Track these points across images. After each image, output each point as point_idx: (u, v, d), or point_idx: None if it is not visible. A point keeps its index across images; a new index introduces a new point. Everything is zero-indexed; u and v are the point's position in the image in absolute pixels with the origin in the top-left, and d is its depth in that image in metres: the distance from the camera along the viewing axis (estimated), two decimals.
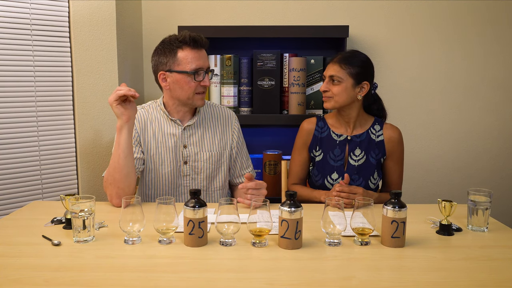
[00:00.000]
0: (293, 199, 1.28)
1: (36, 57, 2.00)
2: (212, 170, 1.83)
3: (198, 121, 1.82)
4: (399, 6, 2.42)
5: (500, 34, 2.43)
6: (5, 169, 1.97)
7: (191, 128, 1.81)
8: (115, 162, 1.58)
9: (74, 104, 2.12)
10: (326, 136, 1.87)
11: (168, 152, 1.78)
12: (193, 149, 1.80)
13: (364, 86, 1.79)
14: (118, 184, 1.58)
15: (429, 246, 1.33)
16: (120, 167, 1.57)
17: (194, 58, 1.69)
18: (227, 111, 1.91)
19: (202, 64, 1.71)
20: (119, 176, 1.57)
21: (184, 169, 1.80)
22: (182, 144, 1.79)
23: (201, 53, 1.72)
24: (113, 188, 1.59)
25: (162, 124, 1.80)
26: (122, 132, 1.57)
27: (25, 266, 1.16)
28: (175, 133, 1.79)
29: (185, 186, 1.81)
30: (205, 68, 1.72)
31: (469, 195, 1.48)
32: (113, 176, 1.58)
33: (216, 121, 1.87)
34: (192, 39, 1.70)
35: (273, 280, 1.11)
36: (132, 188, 1.62)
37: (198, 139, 1.81)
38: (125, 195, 1.56)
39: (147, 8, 2.43)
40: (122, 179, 1.58)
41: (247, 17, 2.43)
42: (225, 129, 1.87)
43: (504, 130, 2.51)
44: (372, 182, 1.83)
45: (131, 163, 1.59)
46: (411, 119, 2.50)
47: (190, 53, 1.69)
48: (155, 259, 1.22)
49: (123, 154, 1.57)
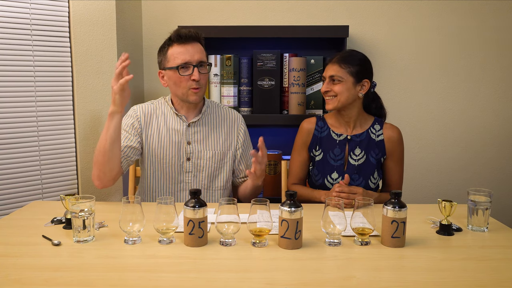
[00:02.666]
0: (293, 199, 1.28)
1: (36, 57, 2.00)
2: (214, 169, 1.83)
3: (204, 119, 1.84)
4: (399, 6, 2.42)
5: (500, 33, 2.43)
6: (5, 169, 1.97)
7: (196, 125, 1.82)
8: (100, 146, 1.62)
9: (74, 104, 2.12)
10: (326, 136, 1.87)
11: (171, 147, 1.80)
12: (196, 147, 1.81)
13: (365, 84, 1.79)
14: (100, 166, 1.63)
15: (429, 246, 1.33)
16: (104, 151, 1.61)
17: (180, 53, 1.71)
18: (234, 113, 1.92)
19: (189, 58, 1.71)
20: (102, 159, 1.62)
21: (186, 165, 1.81)
22: (186, 140, 1.80)
23: (188, 47, 1.72)
24: (95, 170, 1.66)
25: (168, 118, 1.82)
26: (114, 119, 1.60)
27: (25, 266, 1.16)
28: (180, 129, 1.81)
29: (186, 183, 1.82)
30: (194, 62, 1.71)
31: (469, 195, 1.48)
32: (97, 158, 1.64)
33: (222, 121, 1.88)
34: (178, 35, 1.72)
35: (273, 280, 1.11)
36: (114, 173, 1.66)
37: (202, 137, 1.82)
38: (106, 179, 1.65)
39: (147, 8, 2.43)
40: (105, 163, 1.62)
41: (247, 17, 2.43)
42: (231, 130, 1.87)
43: (504, 130, 2.51)
44: (372, 182, 1.83)
45: (117, 149, 1.63)
46: (411, 119, 2.50)
47: (176, 48, 1.72)
48: (155, 259, 1.22)
49: (110, 140, 1.60)
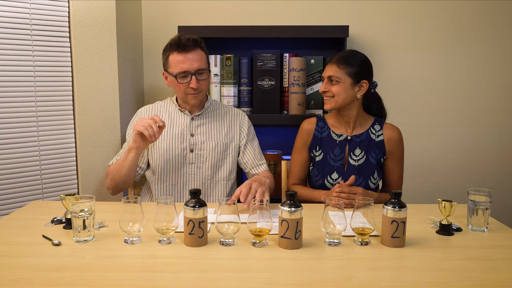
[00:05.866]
0: (293, 199, 1.28)
1: (36, 57, 2.00)
2: (217, 159, 1.87)
3: (207, 113, 1.90)
4: (399, 6, 2.42)
5: (500, 33, 2.43)
6: (5, 169, 1.97)
7: (199, 119, 1.89)
8: (119, 168, 1.77)
9: (74, 104, 2.12)
10: (326, 136, 1.87)
11: (175, 139, 1.85)
12: (199, 138, 1.86)
13: (363, 85, 1.79)
14: (117, 182, 1.80)
15: (429, 246, 1.33)
16: (122, 173, 1.77)
17: (178, 62, 1.77)
18: (237, 110, 1.99)
19: (187, 67, 1.76)
20: (119, 178, 1.79)
21: (190, 156, 1.85)
22: (189, 132, 1.86)
23: (188, 55, 1.76)
24: (112, 182, 1.81)
25: (173, 115, 1.90)
26: (131, 153, 1.73)
27: (25, 266, 1.16)
28: (184, 122, 1.88)
29: (190, 174, 1.85)
30: (192, 70, 1.77)
31: (469, 195, 1.48)
32: (114, 174, 1.79)
33: (225, 114, 1.94)
34: (176, 44, 1.76)
35: (273, 280, 1.11)
36: (127, 185, 1.84)
37: (205, 129, 1.88)
38: (120, 190, 1.84)
39: (147, 8, 2.43)
40: (121, 180, 1.79)
41: (247, 17, 2.43)
42: (234, 123, 1.93)
43: (504, 130, 2.51)
44: (372, 182, 1.83)
45: (132, 173, 1.79)
46: (411, 119, 2.50)
47: (176, 57, 1.77)
48: (155, 259, 1.23)
49: (126, 167, 1.75)
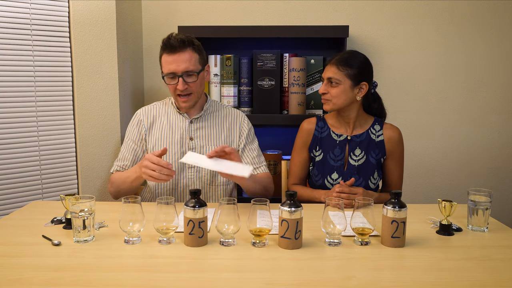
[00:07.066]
0: (293, 199, 1.28)
1: (36, 57, 2.00)
2: None
3: (206, 115, 1.87)
4: (399, 6, 2.42)
5: (501, 33, 2.43)
6: (5, 169, 1.97)
7: (198, 122, 1.86)
8: (124, 182, 1.77)
9: (74, 104, 2.12)
10: (326, 136, 1.87)
11: (174, 143, 1.82)
12: (199, 142, 1.84)
13: (363, 86, 1.78)
14: (121, 192, 1.81)
15: (429, 246, 1.33)
16: (125, 186, 1.77)
17: (166, 62, 1.74)
18: (237, 111, 1.95)
19: (174, 69, 1.72)
20: (123, 190, 1.79)
21: None
22: (188, 136, 1.83)
23: (175, 57, 1.72)
24: (115, 191, 1.83)
25: (171, 117, 1.87)
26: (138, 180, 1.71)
27: (25, 266, 1.16)
28: (182, 126, 1.84)
29: (189, 179, 1.83)
30: (179, 72, 1.72)
31: (469, 195, 1.48)
32: (118, 186, 1.80)
33: (225, 117, 1.90)
34: (165, 44, 1.74)
35: (273, 280, 1.11)
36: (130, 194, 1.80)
37: (204, 133, 1.85)
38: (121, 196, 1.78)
39: (147, 8, 2.43)
40: (125, 191, 1.79)
41: (247, 17, 2.43)
42: (233, 126, 1.89)
43: (504, 130, 2.51)
44: (372, 182, 1.83)
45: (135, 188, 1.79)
46: (411, 119, 2.50)
47: (165, 57, 1.75)
48: (155, 259, 1.23)
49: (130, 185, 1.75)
